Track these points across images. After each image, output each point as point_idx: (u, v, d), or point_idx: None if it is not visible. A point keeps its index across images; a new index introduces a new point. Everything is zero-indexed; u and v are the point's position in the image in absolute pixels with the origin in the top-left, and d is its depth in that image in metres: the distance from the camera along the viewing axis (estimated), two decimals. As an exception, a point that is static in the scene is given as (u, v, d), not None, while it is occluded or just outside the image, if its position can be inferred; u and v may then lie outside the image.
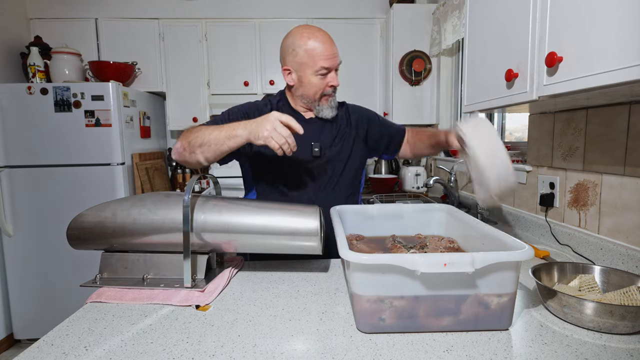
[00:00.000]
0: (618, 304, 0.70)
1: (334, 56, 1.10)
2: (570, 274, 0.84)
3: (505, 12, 1.08)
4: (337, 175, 1.19)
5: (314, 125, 1.18)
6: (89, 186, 2.24)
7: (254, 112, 1.17)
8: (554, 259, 1.11)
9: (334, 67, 1.11)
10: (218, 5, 2.73)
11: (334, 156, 1.18)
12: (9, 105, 2.18)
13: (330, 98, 1.15)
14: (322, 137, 1.18)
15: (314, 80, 1.10)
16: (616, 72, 0.69)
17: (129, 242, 0.91)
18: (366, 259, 0.64)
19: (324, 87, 1.11)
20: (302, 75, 1.11)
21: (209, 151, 0.96)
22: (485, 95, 1.21)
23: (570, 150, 1.23)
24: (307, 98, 1.14)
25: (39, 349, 0.65)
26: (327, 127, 1.19)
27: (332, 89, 1.13)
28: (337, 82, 1.12)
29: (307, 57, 1.08)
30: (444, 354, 0.61)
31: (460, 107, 2.48)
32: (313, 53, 1.07)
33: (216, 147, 0.95)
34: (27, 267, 2.28)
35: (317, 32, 1.10)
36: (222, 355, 0.62)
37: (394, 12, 2.52)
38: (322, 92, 1.12)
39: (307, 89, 1.12)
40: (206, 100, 2.73)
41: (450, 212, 1.06)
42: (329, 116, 1.15)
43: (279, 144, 0.87)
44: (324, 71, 1.09)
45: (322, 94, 1.13)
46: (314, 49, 1.07)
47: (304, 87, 1.12)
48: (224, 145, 0.94)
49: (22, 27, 2.60)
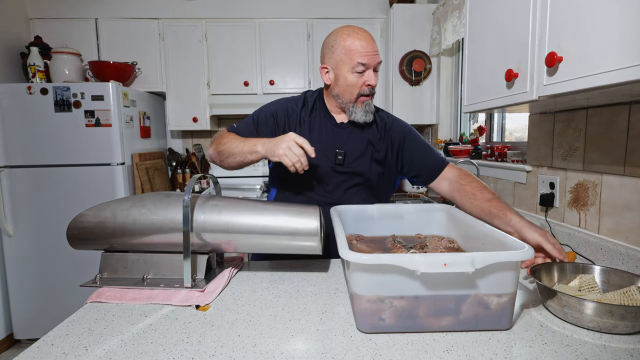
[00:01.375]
0: (618, 304, 0.70)
1: (373, 53, 1.05)
2: (570, 274, 0.84)
3: (505, 12, 1.08)
4: (361, 187, 1.15)
5: (344, 131, 1.15)
6: (89, 186, 2.24)
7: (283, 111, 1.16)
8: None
9: (372, 65, 1.06)
10: (218, 5, 2.73)
11: (359, 167, 1.14)
12: (9, 105, 2.18)
13: (367, 100, 1.10)
14: (349, 144, 1.14)
15: (350, 78, 1.07)
16: (616, 72, 0.69)
17: (129, 242, 0.91)
18: (366, 259, 0.64)
19: (361, 86, 1.07)
20: (339, 73, 1.08)
21: (234, 161, 1.06)
22: (485, 95, 1.21)
23: (570, 150, 1.23)
24: (343, 98, 1.10)
25: (39, 349, 0.65)
26: (357, 136, 1.15)
27: (369, 88, 1.08)
28: (374, 82, 1.07)
29: (344, 54, 1.06)
30: (444, 354, 0.61)
31: (460, 107, 2.48)
32: (350, 49, 1.05)
33: (241, 159, 1.04)
34: (27, 267, 2.28)
35: (357, 30, 1.07)
36: (222, 355, 0.62)
37: (394, 12, 2.52)
38: (358, 91, 1.08)
39: (343, 88, 1.09)
40: (206, 100, 2.74)
41: (450, 212, 1.06)
42: (362, 120, 1.11)
43: (292, 162, 0.93)
44: (361, 68, 1.05)
45: (358, 94, 1.08)
46: (351, 44, 1.05)
47: (340, 86, 1.09)
48: (246, 158, 1.03)
49: (22, 27, 2.60)
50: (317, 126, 1.15)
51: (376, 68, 1.09)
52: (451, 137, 2.59)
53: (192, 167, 2.93)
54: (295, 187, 1.15)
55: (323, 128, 1.15)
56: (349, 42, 1.05)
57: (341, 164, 1.12)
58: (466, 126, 2.50)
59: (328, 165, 1.13)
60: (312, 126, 1.15)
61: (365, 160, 1.14)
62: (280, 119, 1.15)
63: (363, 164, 1.14)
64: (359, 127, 1.15)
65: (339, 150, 1.12)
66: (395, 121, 1.21)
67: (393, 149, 1.18)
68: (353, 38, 1.05)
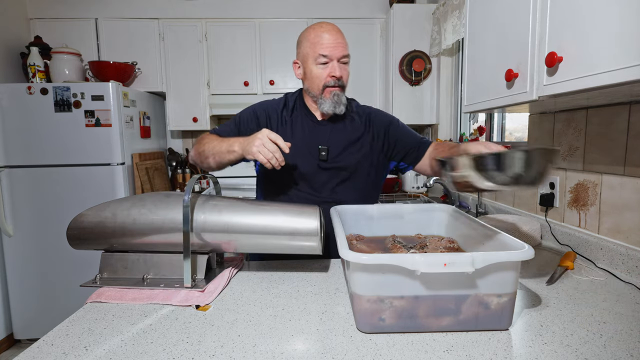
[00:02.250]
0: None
1: (335, 45, 1.07)
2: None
3: (505, 12, 1.08)
4: (348, 183, 1.15)
5: (325, 127, 1.16)
6: (89, 186, 2.24)
7: (264, 112, 1.17)
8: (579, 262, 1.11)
9: (335, 56, 1.08)
10: (218, 5, 2.73)
11: (343, 161, 1.14)
12: (9, 105, 2.18)
13: (334, 91, 1.10)
14: (332, 140, 1.15)
15: (315, 70, 1.09)
16: (616, 72, 0.69)
17: (129, 242, 0.91)
18: (366, 259, 0.64)
19: (325, 78, 1.09)
20: (306, 67, 1.12)
21: (214, 162, 1.06)
22: (485, 95, 1.21)
23: (570, 150, 1.23)
24: (312, 91, 1.13)
25: (39, 349, 0.65)
26: (339, 131, 1.16)
27: (333, 79, 1.09)
28: (338, 73, 1.09)
29: (309, 47, 1.09)
30: (444, 354, 0.61)
31: (460, 107, 2.48)
32: (314, 42, 1.08)
33: (219, 159, 1.04)
34: (27, 267, 2.28)
35: (323, 24, 1.11)
36: (222, 355, 0.62)
37: (394, 12, 2.52)
38: (323, 83, 1.09)
39: (310, 80, 1.12)
40: (206, 100, 2.73)
41: (450, 212, 1.06)
42: (331, 111, 1.11)
43: (267, 158, 0.92)
44: (323, 59, 1.07)
45: (324, 86, 1.10)
46: (314, 37, 1.08)
47: (308, 80, 1.13)
48: (224, 158, 1.03)
49: (22, 27, 2.60)
50: (299, 125, 1.16)
51: (342, 60, 1.10)
52: (451, 137, 2.59)
53: (192, 167, 2.93)
54: (281, 187, 1.16)
55: (305, 126, 1.16)
56: (312, 36, 1.09)
57: (325, 159, 1.13)
58: (466, 126, 2.49)
59: (313, 163, 1.14)
60: (294, 125, 1.17)
61: (350, 154, 1.15)
62: (262, 120, 1.16)
63: (347, 158, 1.15)
64: (340, 122, 1.17)
65: (322, 146, 1.13)
66: (376, 112, 1.25)
67: (378, 137, 1.19)
68: (317, 31, 1.09)
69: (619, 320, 0.72)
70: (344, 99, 1.13)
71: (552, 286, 0.90)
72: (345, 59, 1.11)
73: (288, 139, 1.12)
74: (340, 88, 1.11)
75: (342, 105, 1.12)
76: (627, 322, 0.72)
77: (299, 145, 1.11)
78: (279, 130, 1.14)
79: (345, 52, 1.10)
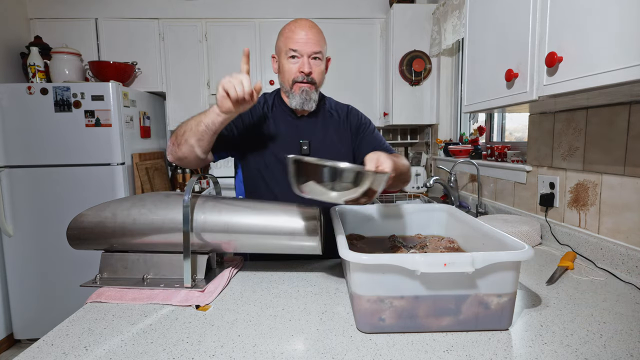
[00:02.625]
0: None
1: (306, 41, 1.06)
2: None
3: (505, 12, 1.08)
4: None
5: (306, 123, 1.17)
6: (89, 186, 2.24)
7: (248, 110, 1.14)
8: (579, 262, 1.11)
9: (305, 52, 1.07)
10: (218, 5, 2.73)
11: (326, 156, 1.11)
12: (9, 105, 2.18)
13: (302, 87, 1.09)
14: (313, 135, 1.16)
15: (286, 65, 1.09)
16: (616, 72, 0.69)
17: (129, 242, 0.91)
18: (366, 259, 0.64)
19: (295, 73, 1.08)
20: (279, 61, 1.12)
21: (191, 135, 0.94)
22: (485, 95, 1.21)
23: (570, 150, 1.23)
24: (284, 85, 1.13)
25: (39, 349, 0.65)
26: (319, 125, 1.18)
27: (302, 75, 1.08)
28: (307, 69, 1.07)
29: (282, 42, 1.10)
30: (444, 354, 0.61)
31: (460, 107, 2.48)
32: (286, 37, 1.08)
33: (196, 129, 0.93)
34: (27, 267, 2.28)
35: (299, 20, 1.10)
36: (222, 355, 0.62)
37: (394, 12, 2.52)
38: (293, 78, 1.09)
39: (282, 75, 1.12)
40: (206, 100, 2.73)
41: (450, 212, 1.06)
42: (299, 107, 1.10)
43: (233, 84, 0.87)
44: (292, 53, 1.07)
45: (293, 81, 1.09)
46: (287, 33, 1.09)
47: (281, 74, 1.13)
48: (200, 124, 0.93)
49: (22, 27, 2.60)
50: (281, 121, 1.17)
51: (312, 56, 1.08)
52: (451, 137, 2.59)
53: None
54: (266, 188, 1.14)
55: (286, 122, 1.17)
56: (286, 31, 1.09)
57: (307, 154, 1.13)
58: (466, 126, 2.50)
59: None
60: (276, 121, 1.16)
61: (331, 148, 1.16)
62: (245, 116, 1.14)
63: (330, 153, 1.14)
64: (320, 117, 1.18)
65: (303, 140, 1.14)
66: (355, 110, 1.26)
67: (352, 133, 1.21)
68: (291, 26, 1.09)
69: (619, 320, 0.72)
70: (314, 95, 1.11)
71: (552, 286, 0.90)
72: (317, 55, 1.09)
73: (271, 134, 1.15)
74: (310, 85, 1.10)
75: (311, 101, 1.11)
76: (627, 322, 0.72)
77: (281, 140, 1.13)
78: (262, 128, 1.15)
79: (317, 48, 1.08)
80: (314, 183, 0.72)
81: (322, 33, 1.12)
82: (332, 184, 0.71)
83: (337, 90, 2.78)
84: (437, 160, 2.57)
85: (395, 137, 3.09)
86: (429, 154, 2.77)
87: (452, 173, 2.03)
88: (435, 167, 2.58)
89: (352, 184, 0.71)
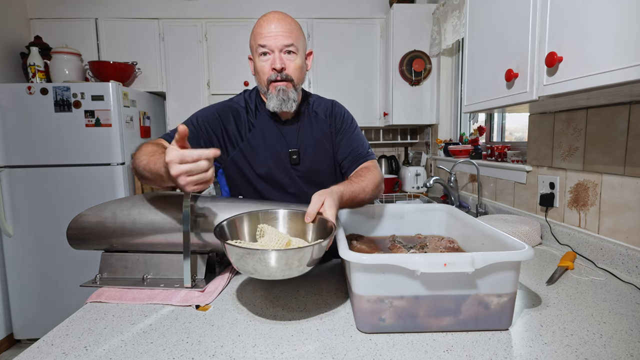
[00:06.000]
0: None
1: (275, 35, 0.96)
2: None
3: (505, 12, 1.08)
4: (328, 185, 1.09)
5: (292, 128, 1.08)
6: (89, 186, 2.24)
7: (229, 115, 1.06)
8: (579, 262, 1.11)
9: (275, 46, 0.96)
10: (218, 5, 2.73)
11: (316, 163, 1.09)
12: (9, 105, 2.18)
13: (278, 86, 0.98)
14: (300, 141, 1.08)
15: (258, 63, 0.99)
16: (616, 72, 0.69)
17: (129, 242, 0.91)
18: (366, 259, 0.64)
19: (268, 71, 0.98)
20: (254, 61, 1.02)
21: (150, 176, 0.82)
22: (485, 95, 1.21)
23: (570, 150, 1.23)
24: (261, 87, 1.03)
25: (39, 349, 0.65)
26: (307, 129, 1.09)
27: (274, 72, 0.98)
28: (278, 65, 0.96)
29: (253, 39, 1.00)
30: (444, 354, 0.61)
31: (460, 107, 2.48)
32: (256, 32, 0.99)
33: (156, 172, 0.78)
34: (27, 267, 2.28)
35: (269, 13, 1.00)
36: (222, 355, 0.62)
37: (394, 12, 2.52)
38: (267, 77, 0.99)
39: (257, 76, 1.02)
40: (206, 101, 2.73)
41: (450, 212, 1.06)
42: (278, 109, 1.00)
43: (195, 179, 0.69)
44: (261, 49, 0.97)
45: (268, 80, 0.99)
46: (257, 28, 0.99)
47: (256, 75, 1.03)
48: (161, 169, 0.75)
49: (22, 27, 2.60)
50: (268, 129, 1.07)
51: (284, 50, 0.98)
52: (451, 137, 2.59)
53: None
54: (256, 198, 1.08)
55: (272, 129, 1.07)
56: (256, 27, 1.00)
57: (297, 163, 1.07)
58: (466, 126, 2.50)
59: (286, 169, 1.07)
60: (263, 130, 1.07)
61: (321, 153, 1.09)
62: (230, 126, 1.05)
63: (320, 159, 1.09)
64: (305, 119, 1.09)
65: (292, 149, 1.06)
66: (335, 103, 1.16)
67: (336, 130, 1.12)
68: (260, 21, 0.99)
69: (619, 320, 0.72)
70: (292, 94, 1.00)
71: (552, 286, 0.90)
72: (289, 48, 0.98)
73: (260, 145, 1.05)
74: (287, 82, 0.99)
75: (290, 101, 1.00)
76: (627, 322, 0.72)
77: (268, 151, 1.05)
78: (250, 137, 1.06)
79: (287, 41, 0.97)
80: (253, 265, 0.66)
81: (295, 24, 1.01)
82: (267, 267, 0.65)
83: (338, 90, 2.80)
84: (437, 160, 2.57)
85: (395, 137, 3.09)
86: (429, 154, 2.77)
87: (452, 173, 2.03)
88: (435, 167, 2.58)
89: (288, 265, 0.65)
